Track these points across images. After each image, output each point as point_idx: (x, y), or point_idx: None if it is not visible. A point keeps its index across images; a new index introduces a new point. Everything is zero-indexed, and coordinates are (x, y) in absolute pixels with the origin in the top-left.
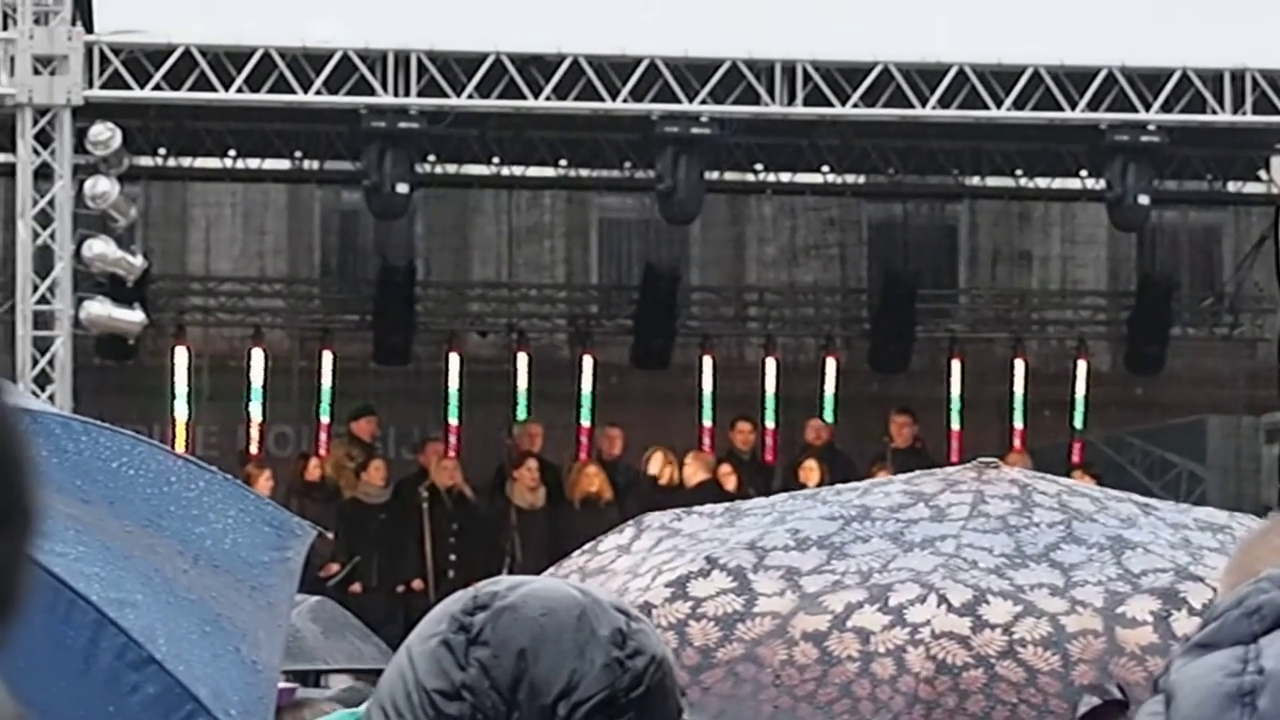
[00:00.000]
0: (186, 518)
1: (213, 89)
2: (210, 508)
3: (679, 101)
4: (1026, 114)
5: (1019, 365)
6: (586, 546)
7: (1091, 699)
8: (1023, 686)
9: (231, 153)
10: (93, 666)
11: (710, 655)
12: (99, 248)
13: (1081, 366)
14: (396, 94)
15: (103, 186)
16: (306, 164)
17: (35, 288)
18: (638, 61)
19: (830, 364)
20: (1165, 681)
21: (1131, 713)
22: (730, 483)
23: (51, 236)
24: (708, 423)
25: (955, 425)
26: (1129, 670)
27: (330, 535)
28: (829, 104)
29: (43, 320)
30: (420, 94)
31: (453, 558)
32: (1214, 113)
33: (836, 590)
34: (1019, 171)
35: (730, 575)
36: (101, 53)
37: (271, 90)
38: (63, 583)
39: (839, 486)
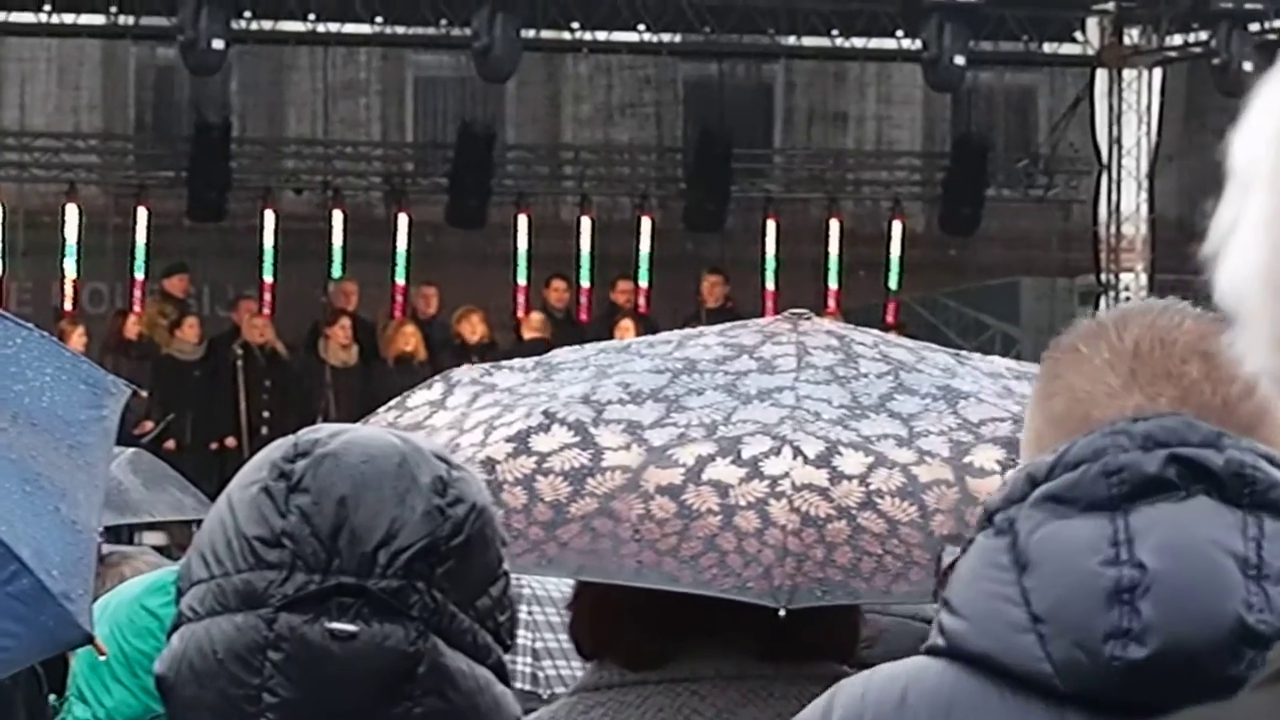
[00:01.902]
0: (4, 375)
1: None
2: (27, 365)
3: None
4: None
5: (834, 225)
6: (393, 402)
7: (954, 549)
8: (885, 538)
9: (46, 7)
10: None
11: (563, 510)
12: None
13: (896, 227)
14: None
15: None
16: (122, 19)
17: None
18: None
19: (645, 223)
20: (1012, 528)
21: (952, 552)
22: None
23: None
24: (523, 281)
25: (770, 285)
26: None
27: (144, 393)
28: None
29: None
30: None
31: (266, 415)
32: None
33: (684, 444)
34: (835, 31)
35: (571, 430)
36: None
37: None
38: None
39: (650, 339)
